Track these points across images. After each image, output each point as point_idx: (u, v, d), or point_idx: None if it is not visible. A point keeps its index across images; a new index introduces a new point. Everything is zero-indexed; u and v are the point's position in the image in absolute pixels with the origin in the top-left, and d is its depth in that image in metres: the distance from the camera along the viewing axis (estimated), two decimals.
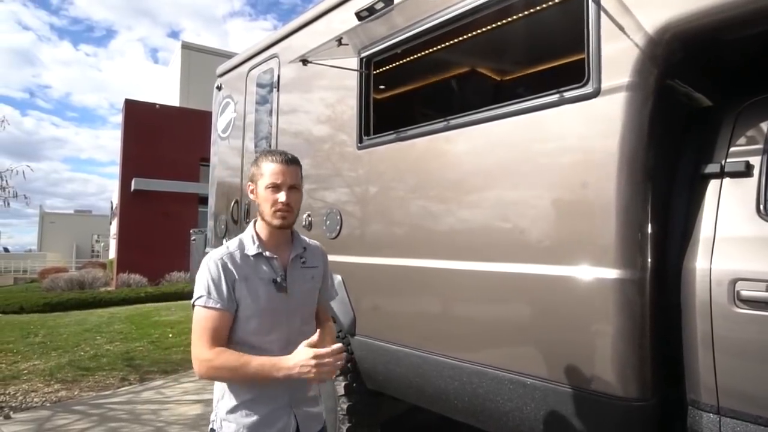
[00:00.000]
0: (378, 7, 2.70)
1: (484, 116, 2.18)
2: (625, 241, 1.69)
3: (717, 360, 1.55)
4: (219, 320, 1.36)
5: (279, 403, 1.43)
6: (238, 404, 1.41)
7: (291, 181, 1.46)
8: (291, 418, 1.45)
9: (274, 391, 1.42)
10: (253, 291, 1.42)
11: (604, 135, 1.75)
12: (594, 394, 1.73)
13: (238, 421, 1.40)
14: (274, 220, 1.45)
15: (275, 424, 1.42)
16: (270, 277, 1.46)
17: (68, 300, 10.56)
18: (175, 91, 19.80)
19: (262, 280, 1.44)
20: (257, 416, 1.40)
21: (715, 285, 1.57)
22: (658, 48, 1.64)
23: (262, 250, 1.47)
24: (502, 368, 2.02)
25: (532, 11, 2.16)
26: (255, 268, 1.45)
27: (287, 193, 1.44)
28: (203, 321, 1.36)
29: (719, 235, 1.62)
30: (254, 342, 1.41)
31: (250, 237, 1.49)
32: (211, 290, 1.37)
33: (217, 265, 1.40)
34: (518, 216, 2.02)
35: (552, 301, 1.87)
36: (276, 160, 1.45)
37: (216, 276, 1.39)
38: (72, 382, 4.79)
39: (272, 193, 1.44)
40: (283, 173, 1.44)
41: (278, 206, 1.44)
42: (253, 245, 1.46)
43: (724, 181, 1.67)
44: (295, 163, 1.50)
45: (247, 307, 1.40)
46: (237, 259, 1.43)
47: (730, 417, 1.52)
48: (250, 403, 1.40)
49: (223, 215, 4.29)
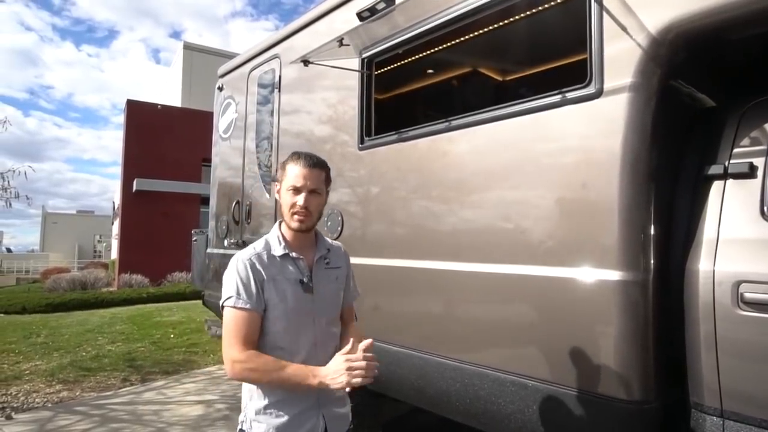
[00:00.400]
0: (379, 8, 2.69)
1: (486, 117, 2.17)
2: (627, 242, 1.68)
3: (720, 362, 1.54)
4: (249, 320, 1.38)
5: (308, 404, 1.44)
6: (268, 405, 1.41)
7: (312, 185, 1.45)
8: (320, 419, 1.45)
9: (303, 392, 1.42)
10: (281, 291, 1.43)
11: (606, 136, 1.74)
12: (596, 397, 1.73)
13: (268, 422, 1.40)
14: (292, 222, 1.46)
15: (304, 424, 1.42)
16: (297, 277, 1.47)
17: (70, 300, 10.57)
18: (177, 91, 19.82)
19: (289, 281, 1.45)
20: (287, 417, 1.41)
21: (719, 287, 1.56)
22: (661, 48, 1.63)
23: (288, 250, 1.48)
24: (504, 370, 2.01)
25: (534, 11, 2.15)
26: (281, 268, 1.46)
27: (306, 197, 1.44)
28: (234, 322, 1.37)
29: (722, 236, 1.61)
30: (283, 343, 1.42)
31: (276, 237, 1.50)
32: (240, 291, 1.38)
33: (245, 266, 1.41)
34: (520, 217, 2.01)
35: (554, 302, 1.86)
36: (300, 163, 1.45)
37: (245, 276, 1.40)
38: (74, 383, 4.78)
39: (292, 196, 1.44)
40: (305, 176, 1.44)
41: (296, 209, 1.44)
42: (279, 246, 1.48)
43: (727, 182, 1.66)
44: (320, 167, 1.49)
45: (275, 307, 1.41)
46: (264, 259, 1.44)
47: (734, 420, 1.51)
48: (280, 404, 1.41)
49: (224, 216, 4.29)
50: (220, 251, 4.29)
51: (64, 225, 40.74)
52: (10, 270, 27.04)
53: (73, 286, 12.82)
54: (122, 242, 14.49)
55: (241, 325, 1.37)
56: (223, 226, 4.29)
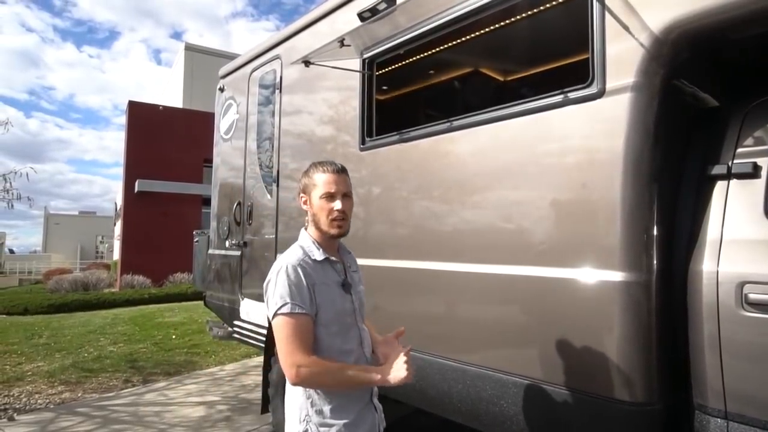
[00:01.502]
0: (380, 8, 2.69)
1: (488, 117, 2.16)
2: (630, 243, 1.67)
3: (724, 364, 1.53)
4: (307, 325, 1.40)
5: (365, 400, 1.51)
6: (335, 407, 1.44)
7: (344, 189, 1.51)
8: (376, 413, 1.54)
9: (360, 390, 1.49)
10: (330, 295, 1.46)
11: (608, 136, 1.73)
12: (599, 398, 1.71)
13: (339, 422, 1.43)
14: (332, 229, 1.49)
15: (366, 419, 1.49)
16: (338, 280, 1.51)
17: (72, 301, 10.60)
18: (178, 92, 19.85)
19: (334, 284, 1.49)
20: (353, 415, 1.45)
21: (722, 288, 1.55)
22: (664, 47, 1.62)
23: (327, 254, 1.51)
24: (507, 371, 2.00)
25: (535, 11, 2.14)
26: (324, 273, 1.49)
27: (342, 201, 1.49)
28: (293, 328, 1.38)
29: (726, 237, 1.60)
30: (338, 344, 1.46)
31: (312, 243, 1.52)
32: (294, 296, 1.39)
33: (296, 270, 1.42)
34: (522, 218, 2.00)
35: (557, 303, 1.85)
36: (328, 170, 1.50)
37: (297, 281, 1.40)
38: (76, 384, 4.79)
39: (328, 202, 1.48)
40: (336, 182, 1.49)
41: (335, 214, 1.48)
42: (318, 251, 1.50)
43: (731, 182, 1.65)
44: (345, 171, 1.54)
45: (327, 310, 1.44)
46: (307, 266, 1.46)
47: (738, 422, 1.50)
48: (345, 404, 1.45)
49: (225, 216, 4.29)
50: (222, 252, 4.28)
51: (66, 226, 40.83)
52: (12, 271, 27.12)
53: (75, 287, 12.84)
54: (124, 243, 14.52)
55: (300, 330, 1.38)
56: (224, 227, 4.29)
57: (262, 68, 3.92)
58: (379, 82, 2.83)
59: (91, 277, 13.76)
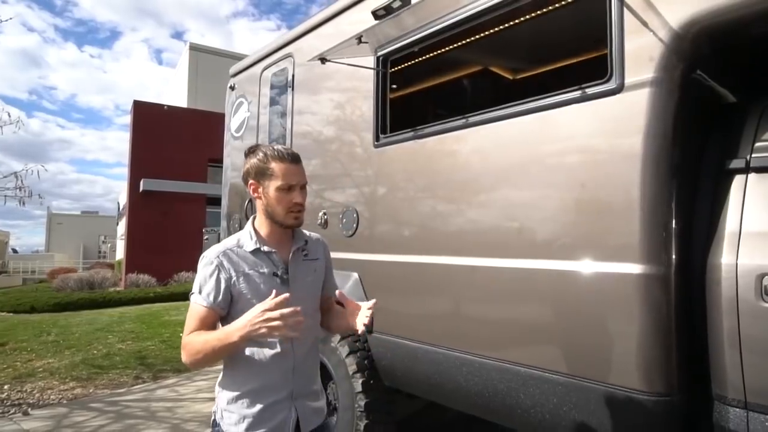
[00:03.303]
0: (395, 6, 2.71)
1: (506, 113, 2.18)
2: (650, 236, 1.69)
3: (744, 355, 1.55)
4: (205, 317, 1.37)
5: (280, 396, 1.43)
6: (240, 395, 1.41)
7: (303, 180, 1.46)
8: (292, 411, 1.45)
9: (276, 383, 1.43)
10: (255, 286, 1.41)
11: (627, 130, 1.75)
12: (618, 389, 1.74)
13: (240, 412, 1.40)
14: (288, 220, 1.45)
15: (276, 416, 1.42)
16: (271, 270, 1.45)
17: (78, 300, 10.65)
18: (182, 92, 19.91)
19: (263, 275, 1.43)
20: (258, 407, 1.40)
21: (742, 280, 1.57)
22: (684, 42, 1.64)
23: (260, 245, 1.45)
24: (525, 364, 2.02)
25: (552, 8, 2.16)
26: (254, 263, 1.44)
27: (302, 193, 1.45)
28: (191, 316, 1.39)
29: (745, 230, 1.62)
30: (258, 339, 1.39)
31: (248, 234, 1.48)
32: (201, 287, 1.39)
33: (210, 262, 1.40)
34: (543, 212, 2.02)
35: (576, 296, 1.88)
36: (286, 160, 1.43)
37: (207, 274, 1.39)
38: (87, 380, 4.83)
39: (286, 194, 1.43)
40: (296, 173, 1.44)
41: (293, 207, 1.44)
42: (250, 241, 1.45)
43: (749, 176, 1.67)
44: (300, 159, 1.49)
45: (248, 302, 1.38)
46: (234, 255, 1.42)
47: (759, 412, 1.52)
48: (252, 394, 1.40)
49: (236, 214, 4.32)
50: None
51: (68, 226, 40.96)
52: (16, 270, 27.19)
53: (80, 286, 12.90)
54: (129, 242, 14.57)
55: (195, 320, 1.37)
56: (236, 224, 4.32)
57: (273, 66, 3.94)
58: (393, 80, 2.86)
59: (97, 276, 13.82)
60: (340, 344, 2.87)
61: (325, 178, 3.26)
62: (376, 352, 2.79)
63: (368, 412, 2.73)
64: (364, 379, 2.77)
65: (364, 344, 2.87)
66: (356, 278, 2.87)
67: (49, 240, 40.68)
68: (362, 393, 2.74)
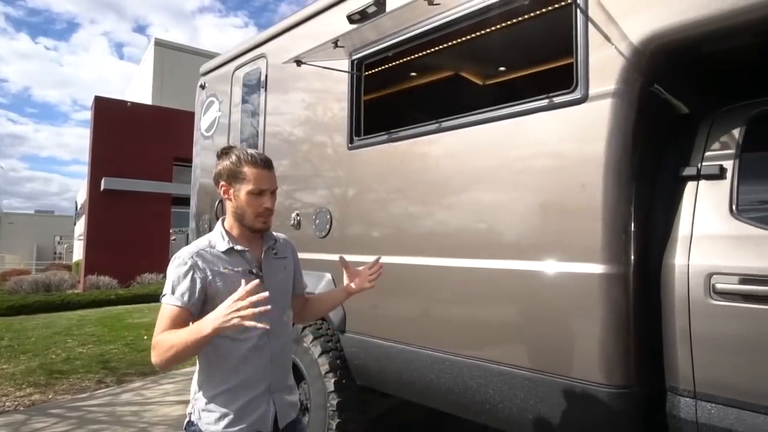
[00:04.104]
0: (370, 12, 2.76)
1: (476, 119, 2.26)
2: (611, 238, 1.80)
3: (694, 349, 1.67)
4: (177, 317, 1.36)
5: (258, 391, 1.46)
6: (219, 393, 1.42)
7: (273, 186, 1.50)
8: (270, 405, 1.49)
9: (254, 378, 1.46)
10: (230, 284, 1.41)
11: (591, 138, 1.85)
12: (581, 383, 1.84)
13: (220, 410, 1.42)
14: (257, 224, 1.49)
15: (256, 411, 1.45)
16: (245, 269, 1.48)
17: (34, 303, 10.18)
18: (147, 88, 19.35)
19: (238, 273, 1.45)
20: (239, 403, 1.42)
21: (693, 280, 1.69)
22: (643, 57, 1.76)
23: (233, 244, 1.48)
24: (494, 361, 2.11)
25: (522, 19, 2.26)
26: (228, 262, 1.46)
27: (272, 199, 1.49)
28: (164, 316, 1.37)
29: (696, 233, 1.75)
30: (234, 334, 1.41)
31: (219, 234, 1.50)
32: (174, 288, 1.38)
33: (184, 262, 1.40)
34: (511, 215, 2.11)
35: (541, 295, 1.97)
36: (259, 165, 1.47)
37: (181, 274, 1.39)
38: (45, 386, 4.65)
39: (256, 199, 1.46)
40: (267, 179, 1.48)
41: (263, 212, 1.48)
42: (223, 241, 1.48)
43: (700, 183, 1.80)
44: (272, 165, 1.53)
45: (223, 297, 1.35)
46: (208, 255, 1.44)
47: (706, 401, 1.65)
48: (231, 392, 1.43)
49: (206, 215, 4.26)
50: None
51: (21, 225, 39.03)
52: None
53: (36, 288, 12.32)
54: (89, 243, 14.04)
55: (168, 319, 1.35)
56: (205, 225, 4.26)
57: (245, 66, 3.92)
58: (367, 83, 2.90)
59: (53, 277, 13.23)
60: (312, 344, 2.90)
61: (297, 178, 3.27)
62: (349, 351, 2.83)
63: (340, 411, 2.77)
64: (337, 378, 2.81)
65: (336, 344, 2.91)
66: (329, 278, 2.90)
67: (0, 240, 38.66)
68: (335, 392, 2.78)
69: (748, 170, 1.73)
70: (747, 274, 1.58)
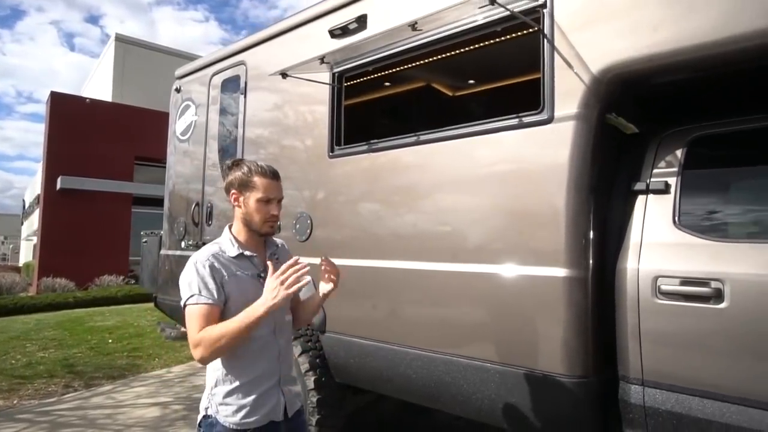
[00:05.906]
0: (351, 28, 2.92)
1: (451, 134, 2.46)
2: (572, 244, 2.03)
3: (642, 342, 1.91)
4: (210, 313, 1.49)
5: (270, 384, 1.61)
6: (236, 387, 1.56)
7: (280, 195, 1.67)
8: (281, 396, 1.63)
9: (267, 372, 1.60)
10: (243, 286, 1.58)
11: (556, 155, 2.07)
12: (545, 374, 2.05)
13: (237, 403, 1.55)
14: (264, 228, 1.65)
15: (269, 402, 1.59)
16: (254, 272, 1.64)
17: None
18: (107, 85, 18.72)
19: (249, 276, 1.61)
20: (254, 396, 1.56)
21: (642, 282, 1.93)
22: (601, 85, 1.99)
23: (242, 250, 1.64)
24: (467, 356, 2.30)
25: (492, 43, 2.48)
26: (239, 266, 1.61)
27: (278, 206, 1.66)
28: (196, 316, 1.48)
29: (645, 240, 1.99)
30: None
31: (228, 241, 1.65)
32: (201, 288, 1.51)
33: (204, 266, 1.53)
34: (484, 223, 2.31)
35: (510, 296, 2.18)
36: (268, 176, 1.63)
37: (205, 274, 1.52)
38: (8, 391, 4.53)
39: (264, 206, 1.61)
40: (276, 188, 1.64)
41: (270, 218, 1.63)
42: (233, 247, 1.63)
43: (648, 196, 2.05)
44: (280, 177, 1.69)
45: (237, 300, 1.54)
46: (221, 259, 1.58)
47: (652, 387, 1.89)
48: (247, 386, 1.56)
49: (182, 217, 4.28)
50: (177, 252, 4.28)
51: None
52: None
53: None
54: (43, 244, 13.49)
55: (203, 317, 1.47)
56: (180, 227, 4.29)
57: (224, 72, 3.98)
58: (348, 95, 3.05)
59: (4, 280, 12.67)
60: (292, 344, 3.01)
61: None
62: (328, 350, 2.96)
63: (320, 408, 2.89)
64: (316, 376, 2.93)
65: (315, 344, 3.03)
66: (310, 281, 3.02)
67: None
68: (314, 390, 2.90)
69: (689, 186, 1.99)
70: (687, 276, 1.83)
